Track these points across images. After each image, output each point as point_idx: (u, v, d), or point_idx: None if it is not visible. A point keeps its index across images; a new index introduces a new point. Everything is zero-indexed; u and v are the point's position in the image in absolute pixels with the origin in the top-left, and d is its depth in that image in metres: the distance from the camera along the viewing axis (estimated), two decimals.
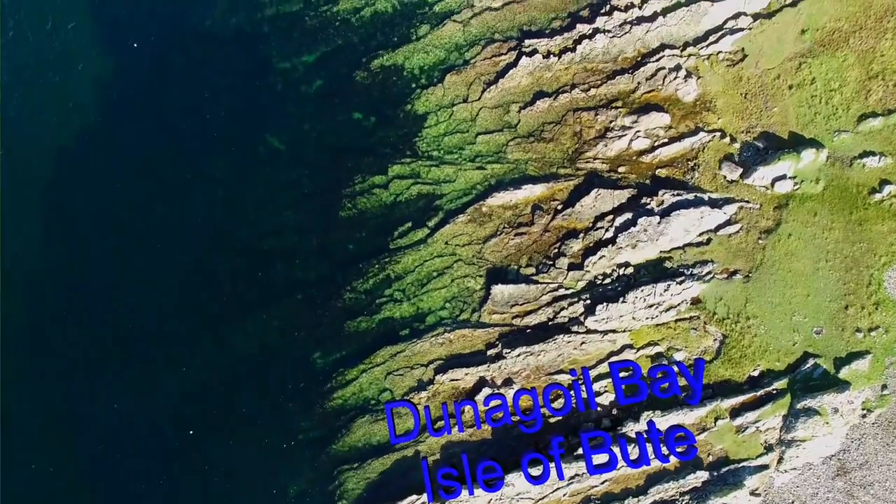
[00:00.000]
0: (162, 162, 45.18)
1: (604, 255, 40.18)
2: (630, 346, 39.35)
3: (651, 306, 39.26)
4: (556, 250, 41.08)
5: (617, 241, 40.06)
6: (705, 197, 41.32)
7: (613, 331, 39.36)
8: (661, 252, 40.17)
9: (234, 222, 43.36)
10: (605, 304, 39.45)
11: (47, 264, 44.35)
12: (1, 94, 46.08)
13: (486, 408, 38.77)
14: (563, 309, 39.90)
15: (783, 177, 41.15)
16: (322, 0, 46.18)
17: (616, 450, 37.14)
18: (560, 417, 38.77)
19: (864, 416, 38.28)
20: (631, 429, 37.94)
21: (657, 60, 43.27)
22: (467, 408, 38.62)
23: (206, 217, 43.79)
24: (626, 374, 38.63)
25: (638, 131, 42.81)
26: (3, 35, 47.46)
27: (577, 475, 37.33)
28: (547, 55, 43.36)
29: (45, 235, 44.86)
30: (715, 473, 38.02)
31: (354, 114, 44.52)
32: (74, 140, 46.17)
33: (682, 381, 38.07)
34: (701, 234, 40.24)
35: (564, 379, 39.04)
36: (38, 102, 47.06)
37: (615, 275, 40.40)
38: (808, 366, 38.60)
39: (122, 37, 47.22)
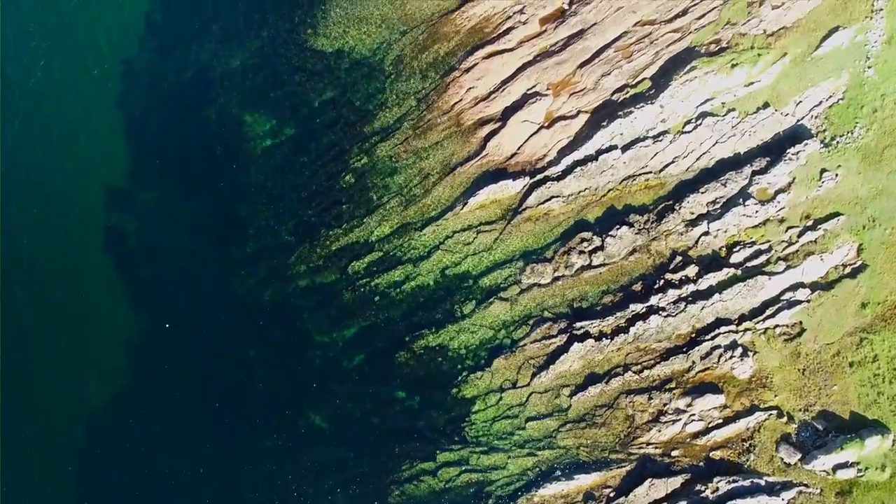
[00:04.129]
0: (204, 439, 44.40)
1: None
2: None
3: None
4: None
5: None
6: (762, 482, 40.96)
7: None
8: None
9: None
10: None
11: None
12: None
13: None
14: None
15: (846, 464, 40.23)
16: (360, 272, 43.77)
17: None
18: None
19: None
20: None
21: (712, 338, 41.78)
22: None
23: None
24: None
25: (692, 414, 41.75)
26: None
27: None
28: (599, 337, 42.30)
29: None
30: None
31: (398, 393, 43.71)
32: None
33: None
34: None
35: None
36: None
37: None
38: None
39: (155, 319, 45.31)
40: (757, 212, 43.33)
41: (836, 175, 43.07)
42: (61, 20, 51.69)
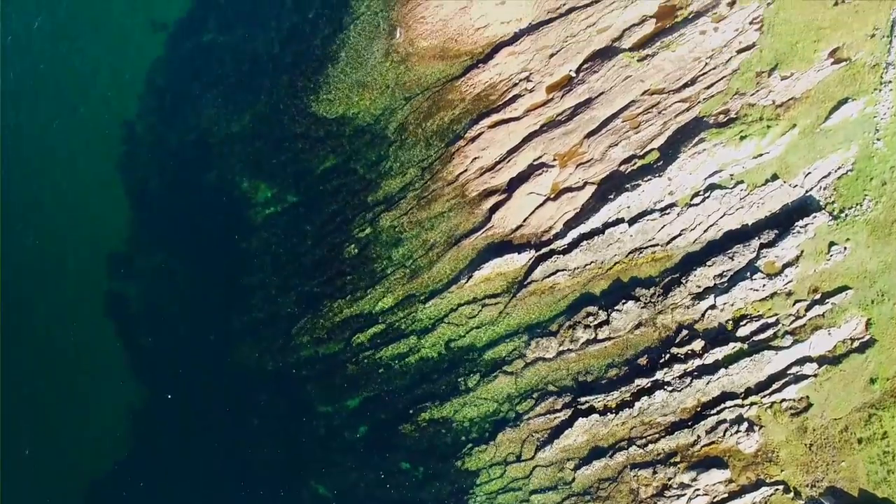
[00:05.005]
0: None
1: None
2: None
3: None
4: None
5: None
6: None
7: None
8: None
9: None
10: None
11: None
12: None
13: None
14: None
15: None
16: (364, 344, 43.39)
17: None
18: None
19: None
20: None
21: (718, 412, 41.57)
22: None
23: None
24: None
25: (697, 489, 41.57)
26: None
27: None
28: (604, 411, 42.23)
29: None
30: None
31: (403, 464, 43.30)
32: None
33: None
34: None
35: None
36: None
37: None
38: None
39: (157, 387, 45.00)
40: (764, 285, 42.91)
41: (845, 248, 42.63)
42: (63, 81, 50.94)
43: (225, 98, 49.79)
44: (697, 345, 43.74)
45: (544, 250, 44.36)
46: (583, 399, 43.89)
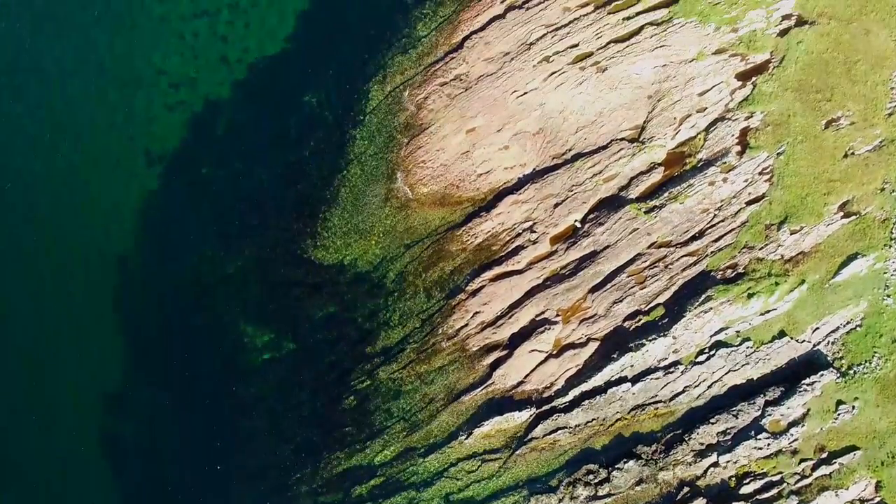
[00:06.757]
0: None
1: None
2: None
3: None
4: None
5: None
6: None
7: None
8: None
9: None
10: None
11: None
12: None
13: None
14: None
15: None
16: (363, 497, 44.23)
17: None
18: None
19: None
20: None
21: None
22: None
23: None
24: None
25: None
26: None
27: None
28: None
29: None
30: None
31: None
32: None
33: None
34: None
35: None
36: None
37: None
38: None
39: None
40: (769, 444, 42.30)
41: (853, 407, 41.98)
42: (55, 214, 49.97)
43: (221, 237, 48.93)
44: (700, 502, 43.02)
45: (545, 408, 43.74)
46: None
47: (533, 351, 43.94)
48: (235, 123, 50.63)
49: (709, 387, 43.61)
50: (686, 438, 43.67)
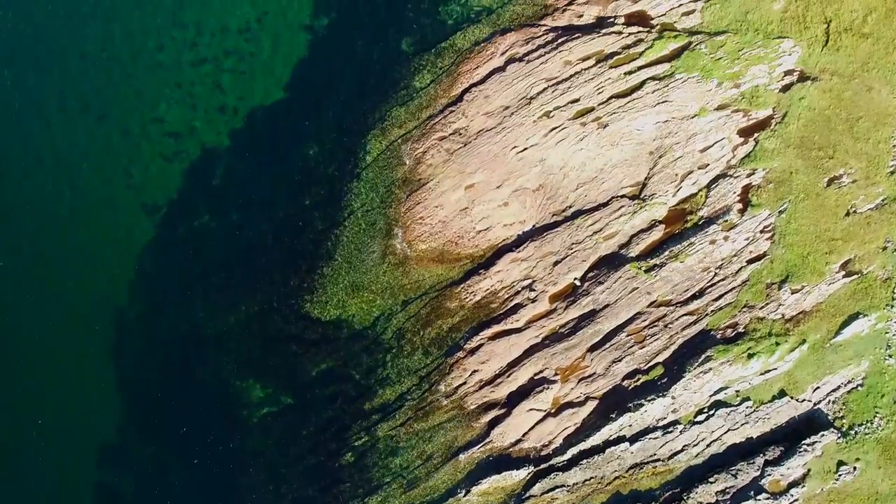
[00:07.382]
0: None
1: None
2: None
3: None
4: None
5: None
6: None
7: None
8: None
9: None
10: None
11: None
12: None
13: None
14: None
15: None
16: None
17: None
18: None
19: None
20: None
21: None
22: None
23: None
24: None
25: None
26: None
27: None
28: None
29: None
30: None
31: None
32: None
33: None
34: None
35: None
36: None
37: None
38: None
39: None
40: None
41: (854, 468, 41.78)
42: (49, 266, 49.81)
43: (217, 291, 48.78)
44: None
45: (543, 466, 43.57)
46: None
47: (531, 409, 43.75)
48: (233, 174, 50.35)
49: (708, 445, 43.41)
50: (684, 497, 43.51)
